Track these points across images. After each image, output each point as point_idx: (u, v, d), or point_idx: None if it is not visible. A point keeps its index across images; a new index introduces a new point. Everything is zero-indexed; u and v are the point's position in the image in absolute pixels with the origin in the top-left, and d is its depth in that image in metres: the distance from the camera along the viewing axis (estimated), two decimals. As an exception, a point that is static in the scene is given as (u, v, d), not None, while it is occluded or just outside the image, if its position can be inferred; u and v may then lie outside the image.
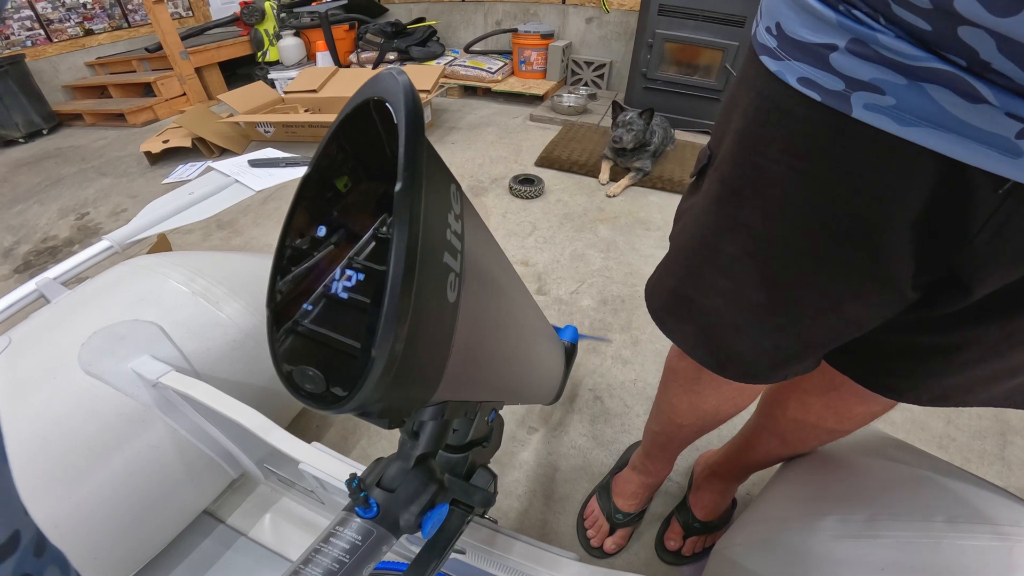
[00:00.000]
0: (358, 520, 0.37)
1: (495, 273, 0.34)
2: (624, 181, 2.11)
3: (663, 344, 1.35)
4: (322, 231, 0.23)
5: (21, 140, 2.75)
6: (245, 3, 3.25)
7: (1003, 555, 0.46)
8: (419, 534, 0.38)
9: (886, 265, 0.37)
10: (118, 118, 2.90)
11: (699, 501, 0.94)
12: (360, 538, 0.36)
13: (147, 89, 3.04)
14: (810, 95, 0.33)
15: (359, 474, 0.38)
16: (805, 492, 0.68)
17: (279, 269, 0.24)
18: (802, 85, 0.33)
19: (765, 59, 0.36)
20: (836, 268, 0.39)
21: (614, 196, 2.07)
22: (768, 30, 0.35)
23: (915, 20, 0.26)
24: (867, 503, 0.58)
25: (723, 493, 0.93)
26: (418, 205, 0.20)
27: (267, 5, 3.21)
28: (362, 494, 0.36)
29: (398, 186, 0.20)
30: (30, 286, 0.84)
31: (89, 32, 3.16)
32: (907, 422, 1.15)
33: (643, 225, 1.89)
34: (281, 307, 0.23)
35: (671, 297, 0.55)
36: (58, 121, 2.93)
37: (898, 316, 0.41)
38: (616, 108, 2.11)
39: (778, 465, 0.82)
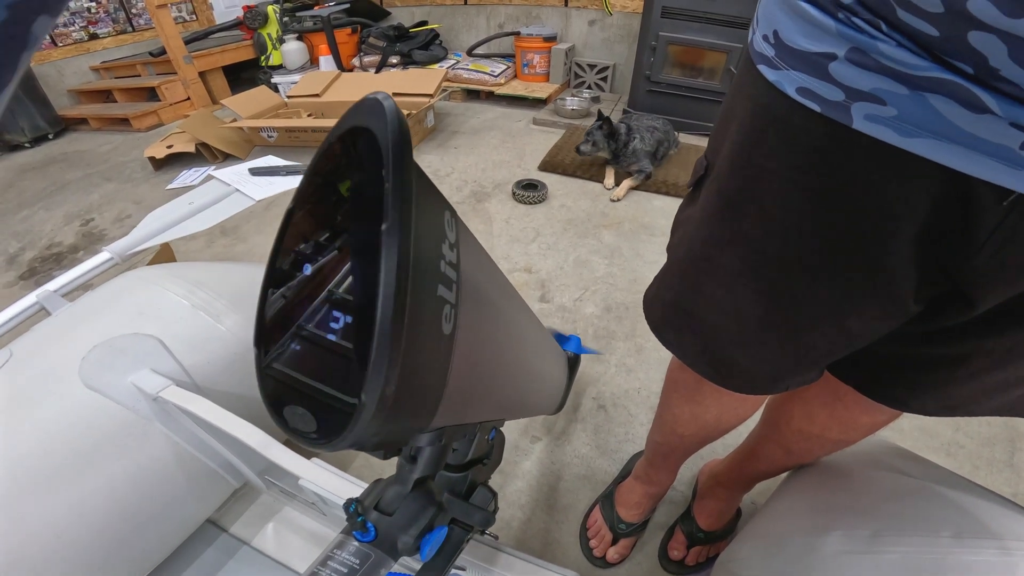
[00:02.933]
0: (356, 544, 0.36)
1: (492, 296, 0.33)
2: (627, 183, 2.10)
3: (667, 352, 1.34)
4: (308, 269, 0.22)
5: (27, 145, 2.76)
6: (248, 7, 3.26)
7: (1008, 571, 0.46)
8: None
9: (888, 279, 0.36)
10: (123, 122, 2.92)
11: (703, 510, 0.93)
12: (358, 562, 0.36)
13: (151, 93, 3.05)
14: (809, 106, 0.32)
15: (357, 497, 0.38)
16: (810, 505, 0.68)
17: (266, 304, 0.23)
18: (801, 95, 0.32)
19: (763, 68, 0.35)
20: (837, 281, 0.39)
21: (618, 200, 2.06)
22: (765, 38, 0.35)
23: (922, 25, 0.25)
24: (873, 517, 0.57)
25: (727, 502, 0.93)
26: (407, 244, 0.19)
27: (270, 9, 3.22)
28: (359, 518, 0.36)
29: (384, 225, 0.19)
30: (31, 299, 0.84)
31: (94, 36, 3.17)
32: (915, 429, 1.14)
33: (647, 230, 1.88)
34: (269, 344, 0.23)
35: (669, 309, 0.54)
36: (64, 125, 2.94)
37: (901, 327, 0.41)
38: (599, 117, 2.11)
39: (784, 474, 0.81)
